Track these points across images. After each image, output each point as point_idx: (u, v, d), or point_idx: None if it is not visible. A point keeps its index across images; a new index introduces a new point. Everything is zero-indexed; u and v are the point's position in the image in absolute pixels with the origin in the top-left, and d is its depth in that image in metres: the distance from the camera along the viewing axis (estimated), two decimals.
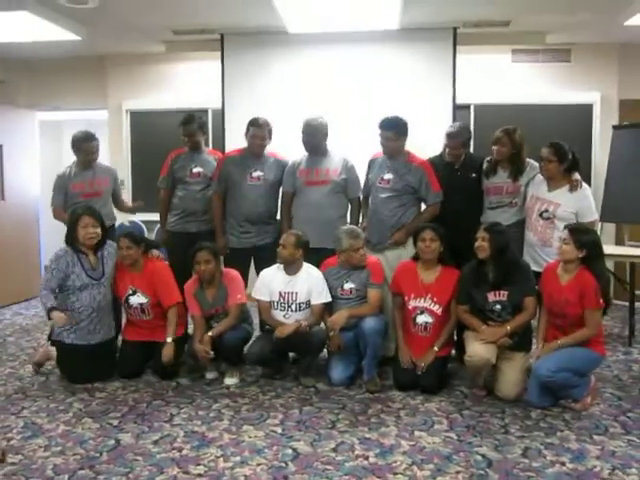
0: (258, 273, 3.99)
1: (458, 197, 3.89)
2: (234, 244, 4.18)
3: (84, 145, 4.22)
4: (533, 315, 3.43)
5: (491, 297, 3.42)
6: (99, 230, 3.71)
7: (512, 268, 3.43)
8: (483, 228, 3.44)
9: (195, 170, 4.25)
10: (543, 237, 3.74)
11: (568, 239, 3.24)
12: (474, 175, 3.98)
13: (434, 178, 3.91)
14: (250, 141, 4.12)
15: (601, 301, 3.20)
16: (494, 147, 3.87)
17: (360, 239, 3.67)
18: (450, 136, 3.93)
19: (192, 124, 4.23)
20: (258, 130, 4.08)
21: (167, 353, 3.64)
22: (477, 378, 3.45)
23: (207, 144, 4.38)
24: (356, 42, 5.31)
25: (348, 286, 3.72)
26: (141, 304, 3.81)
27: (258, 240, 4.15)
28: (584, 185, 3.79)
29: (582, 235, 3.24)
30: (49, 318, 3.57)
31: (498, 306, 3.41)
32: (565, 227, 3.34)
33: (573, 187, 3.74)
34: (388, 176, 3.93)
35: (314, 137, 4.01)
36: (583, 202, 3.75)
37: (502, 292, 3.41)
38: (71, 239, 3.72)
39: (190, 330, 3.92)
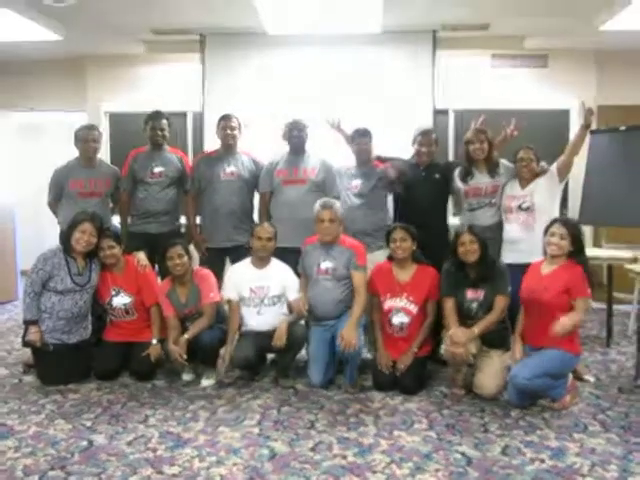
0: None
1: (423, 197, 4.00)
2: (208, 244, 4.15)
3: (81, 133, 4.10)
4: (500, 315, 3.41)
5: (470, 294, 3.43)
6: (94, 240, 3.65)
7: (491, 266, 3.46)
8: (467, 232, 3.43)
9: (156, 170, 4.13)
10: (526, 222, 3.79)
11: (565, 234, 3.25)
12: (438, 176, 4.05)
13: None
14: (222, 134, 4.13)
15: (589, 291, 3.23)
16: (472, 147, 3.89)
17: (328, 210, 3.61)
18: (424, 133, 4.05)
19: (162, 118, 4.16)
20: (228, 121, 4.12)
21: (155, 353, 3.65)
22: (457, 375, 3.44)
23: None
24: (336, 45, 5.30)
25: (325, 265, 3.67)
26: (125, 304, 3.77)
27: (232, 240, 4.11)
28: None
29: (574, 229, 3.29)
30: (25, 325, 3.64)
31: (475, 304, 3.43)
32: (555, 221, 3.35)
33: (542, 172, 3.85)
34: (356, 182, 4.04)
35: (304, 132, 4.09)
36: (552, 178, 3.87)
37: (479, 291, 3.42)
38: (65, 240, 3.68)
39: None
